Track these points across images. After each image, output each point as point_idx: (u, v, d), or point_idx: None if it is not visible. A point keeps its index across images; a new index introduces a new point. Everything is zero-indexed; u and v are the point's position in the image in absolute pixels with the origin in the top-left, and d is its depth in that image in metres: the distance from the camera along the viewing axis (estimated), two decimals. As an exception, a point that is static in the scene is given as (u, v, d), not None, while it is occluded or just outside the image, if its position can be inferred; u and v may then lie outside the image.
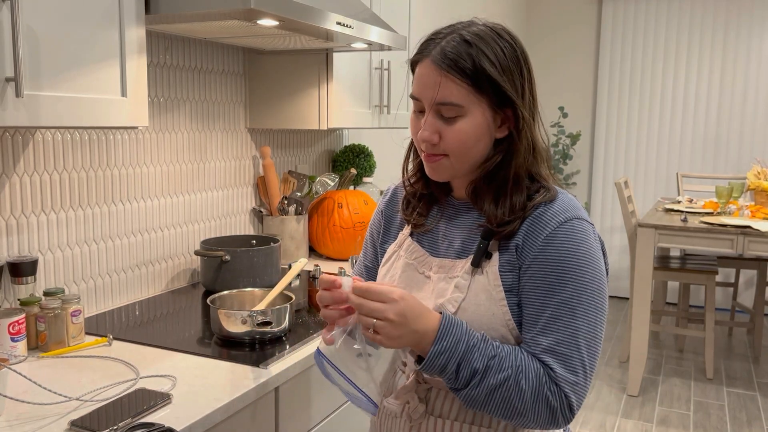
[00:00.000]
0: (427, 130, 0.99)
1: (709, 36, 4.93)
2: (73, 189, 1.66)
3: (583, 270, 0.95)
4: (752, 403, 3.49)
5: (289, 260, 2.31)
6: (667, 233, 3.36)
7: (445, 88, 0.96)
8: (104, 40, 1.31)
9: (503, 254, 1.00)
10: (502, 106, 0.99)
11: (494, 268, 1.00)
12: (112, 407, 1.15)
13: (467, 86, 0.96)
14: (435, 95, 0.97)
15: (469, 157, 1.00)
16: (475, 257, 1.01)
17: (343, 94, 2.24)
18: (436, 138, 0.99)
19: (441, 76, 0.96)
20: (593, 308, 0.96)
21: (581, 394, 0.95)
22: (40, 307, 1.46)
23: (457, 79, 0.95)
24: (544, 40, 5.45)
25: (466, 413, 1.05)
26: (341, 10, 1.75)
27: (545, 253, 0.96)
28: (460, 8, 4.05)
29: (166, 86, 1.93)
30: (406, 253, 1.11)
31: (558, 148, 5.32)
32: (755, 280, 4.50)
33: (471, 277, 1.01)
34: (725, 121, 4.96)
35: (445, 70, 0.96)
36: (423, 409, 1.07)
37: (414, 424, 1.08)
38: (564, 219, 0.97)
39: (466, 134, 0.98)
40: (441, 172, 1.03)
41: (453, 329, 0.94)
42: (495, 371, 0.93)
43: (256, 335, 1.49)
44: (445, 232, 1.09)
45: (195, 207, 2.09)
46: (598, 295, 0.97)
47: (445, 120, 0.98)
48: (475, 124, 0.98)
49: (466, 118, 0.97)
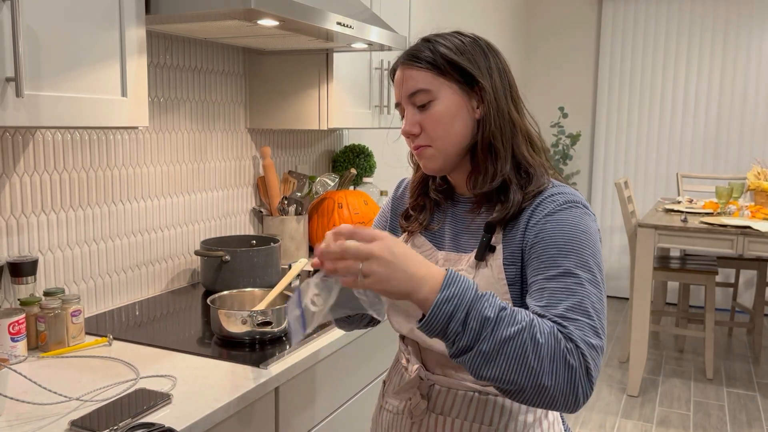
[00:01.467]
0: (407, 124, 1.05)
1: (709, 36, 4.93)
2: (73, 189, 1.66)
3: (585, 245, 0.95)
4: (752, 403, 3.49)
5: (289, 260, 2.31)
6: (667, 233, 3.36)
7: (410, 79, 1.03)
8: (104, 40, 1.31)
9: (507, 248, 1.01)
10: (471, 85, 1.03)
11: (498, 262, 1.01)
12: (112, 407, 1.15)
13: (428, 71, 1.02)
14: (404, 87, 1.04)
15: (450, 139, 1.03)
16: (478, 251, 1.02)
17: (343, 95, 2.24)
18: (416, 129, 1.04)
19: (405, 70, 1.05)
20: (596, 281, 0.93)
21: (597, 360, 0.87)
22: (40, 307, 1.46)
23: (418, 67, 1.03)
24: (544, 40, 5.45)
25: (467, 411, 1.05)
26: (341, 10, 1.75)
27: (548, 228, 0.97)
28: (460, 8, 4.05)
29: (166, 86, 1.93)
30: (413, 248, 1.13)
31: (558, 148, 5.32)
32: (755, 280, 4.50)
33: (475, 271, 1.02)
34: (725, 122, 4.96)
35: (407, 65, 1.04)
36: (425, 406, 1.08)
37: (415, 420, 1.09)
38: (570, 202, 0.99)
39: (440, 115, 1.02)
40: (432, 161, 1.06)
41: (459, 279, 0.86)
42: (507, 323, 0.84)
43: (256, 335, 1.49)
44: (452, 228, 1.11)
45: (195, 207, 2.09)
46: (599, 273, 0.95)
47: (420, 109, 1.04)
48: (447, 104, 1.02)
49: (437, 101, 1.03)
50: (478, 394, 1.05)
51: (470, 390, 1.06)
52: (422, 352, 1.12)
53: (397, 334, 1.98)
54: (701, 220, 3.44)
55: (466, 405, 1.05)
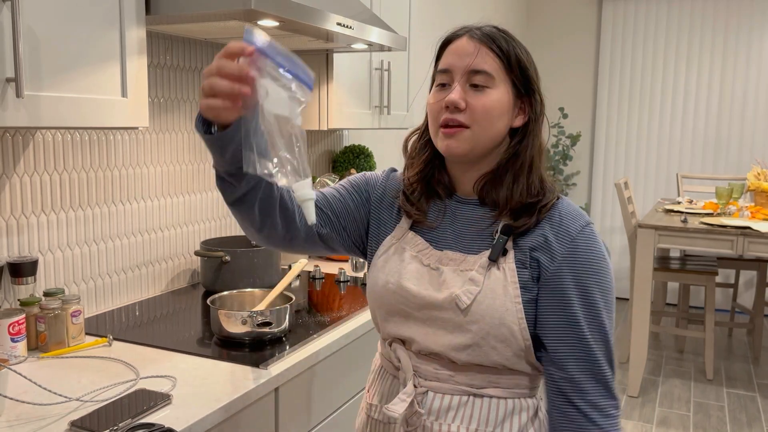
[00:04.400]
0: (457, 94, 1.01)
1: (709, 37, 4.93)
2: (73, 189, 1.66)
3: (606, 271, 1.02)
4: (752, 403, 3.49)
5: (289, 261, 2.31)
6: (667, 234, 3.36)
7: (482, 56, 1.01)
8: (105, 40, 1.31)
9: (517, 252, 1.02)
10: (521, 94, 1.04)
11: (511, 265, 1.01)
12: (112, 408, 1.15)
13: (500, 61, 1.02)
14: (472, 62, 1.01)
15: (489, 130, 1.02)
16: (493, 251, 1.02)
17: (343, 95, 2.24)
18: (463, 103, 1.01)
19: (479, 46, 1.02)
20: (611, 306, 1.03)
21: (617, 412, 1.02)
22: (40, 307, 1.46)
23: (493, 52, 1.01)
24: (544, 41, 5.45)
25: (463, 413, 1.04)
26: (341, 10, 1.75)
27: (573, 260, 1.00)
28: (460, 9, 4.05)
29: (166, 87, 1.93)
30: (409, 246, 1.09)
31: (558, 148, 5.32)
32: (755, 281, 4.51)
33: (486, 272, 1.01)
34: (725, 122, 4.96)
35: (484, 42, 1.02)
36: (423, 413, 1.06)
37: (410, 429, 1.07)
38: (584, 223, 1.03)
39: (492, 104, 1.01)
40: (463, 143, 1.02)
41: None
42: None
43: (256, 336, 1.49)
44: (452, 228, 1.08)
45: (195, 207, 2.09)
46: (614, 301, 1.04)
47: (475, 89, 1.01)
48: (500, 98, 1.02)
49: (494, 90, 1.01)
50: (473, 397, 1.04)
51: (465, 393, 1.05)
52: (413, 357, 1.08)
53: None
54: (701, 221, 3.44)
55: (462, 408, 1.04)
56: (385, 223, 1.15)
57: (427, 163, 1.10)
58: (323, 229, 1.13)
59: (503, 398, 1.04)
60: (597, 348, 0.99)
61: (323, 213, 1.13)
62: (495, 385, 1.04)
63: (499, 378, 1.04)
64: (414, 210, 1.10)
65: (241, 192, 1.00)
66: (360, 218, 1.17)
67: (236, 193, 1.00)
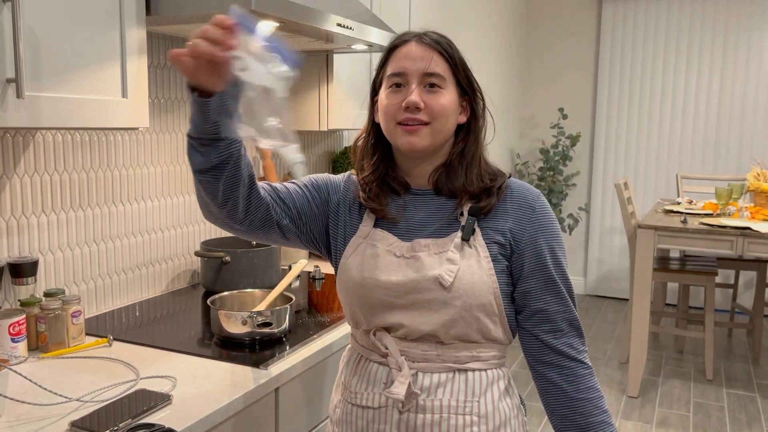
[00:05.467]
0: (416, 96, 1.09)
1: (709, 37, 4.93)
2: (73, 190, 1.66)
3: (559, 230, 1.18)
4: (752, 404, 3.49)
5: (289, 261, 2.32)
6: (667, 234, 3.36)
7: (434, 60, 1.10)
8: (105, 41, 1.31)
9: (485, 230, 1.13)
10: (464, 93, 1.15)
11: (481, 241, 1.12)
12: (113, 408, 1.15)
13: (448, 65, 1.12)
14: (427, 66, 1.09)
15: (444, 127, 1.12)
16: (465, 232, 1.11)
17: (343, 96, 2.24)
18: (422, 104, 1.09)
19: (431, 51, 1.11)
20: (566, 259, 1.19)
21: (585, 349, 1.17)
22: (40, 307, 1.46)
23: (442, 56, 1.11)
24: (543, 41, 5.45)
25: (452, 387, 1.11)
26: (341, 11, 1.75)
27: (540, 226, 1.13)
28: (461, 9, 4.05)
29: (166, 87, 1.94)
30: (380, 242, 1.15)
31: (558, 149, 5.32)
32: (755, 281, 4.51)
33: (460, 251, 1.11)
34: (725, 123, 4.96)
35: (434, 47, 1.11)
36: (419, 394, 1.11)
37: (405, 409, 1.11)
38: (536, 194, 1.16)
39: (447, 103, 1.11)
40: (422, 138, 1.10)
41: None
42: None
43: (256, 336, 1.49)
44: (416, 218, 1.15)
45: (195, 208, 2.09)
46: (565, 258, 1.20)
47: (430, 91, 1.10)
48: (451, 99, 1.12)
49: (446, 90, 1.11)
50: (457, 373, 1.12)
51: (450, 370, 1.12)
52: (400, 343, 1.13)
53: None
54: (701, 221, 3.44)
55: (449, 383, 1.12)
56: (349, 224, 1.21)
57: (379, 163, 1.18)
58: (284, 220, 1.17)
59: (483, 370, 1.13)
60: (568, 296, 1.14)
61: (284, 205, 1.17)
62: (476, 359, 1.13)
63: (480, 351, 1.13)
64: (376, 205, 1.16)
65: (211, 163, 1.03)
66: (320, 215, 1.22)
67: (206, 164, 1.03)
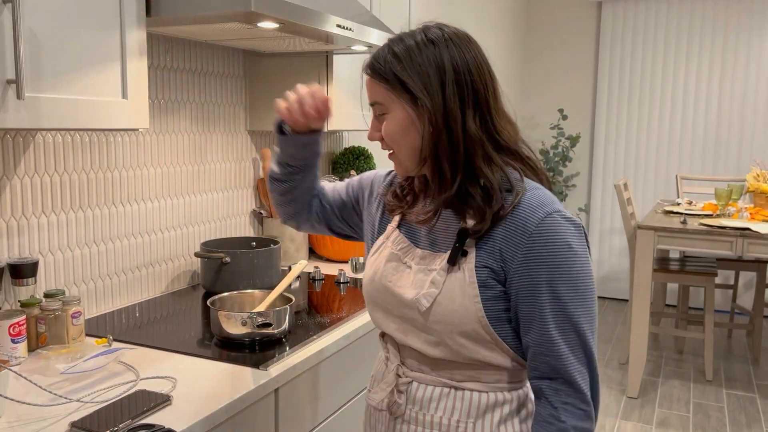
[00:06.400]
0: (370, 130, 1.10)
1: (709, 38, 4.93)
2: (73, 191, 1.66)
3: (570, 261, 0.97)
4: (751, 404, 3.49)
5: (289, 262, 2.32)
6: (667, 235, 3.36)
7: (371, 89, 1.07)
8: (105, 42, 1.31)
9: (480, 251, 1.02)
10: (417, 102, 1.01)
11: (471, 265, 1.02)
12: (113, 408, 1.15)
13: (381, 84, 1.04)
14: (370, 97, 1.08)
15: (403, 150, 1.06)
16: (450, 256, 1.03)
17: (343, 97, 2.24)
18: (377, 135, 1.09)
19: (370, 79, 1.07)
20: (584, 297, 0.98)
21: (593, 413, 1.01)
22: (40, 308, 1.46)
23: (377, 80, 1.05)
24: (543, 42, 5.46)
25: (446, 405, 1.08)
26: (341, 12, 1.75)
27: (536, 255, 0.97)
28: (460, 10, 4.06)
29: (166, 88, 1.94)
30: (392, 244, 1.14)
31: (558, 150, 5.33)
32: (754, 282, 4.50)
33: (447, 274, 1.04)
34: (725, 123, 4.97)
35: (369, 74, 1.07)
36: (403, 402, 1.11)
37: (396, 416, 1.12)
38: (544, 214, 0.98)
39: (391, 128, 1.04)
40: (397, 165, 1.10)
41: None
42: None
43: (255, 337, 1.49)
44: (433, 226, 1.11)
45: (195, 209, 2.09)
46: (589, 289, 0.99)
47: (381, 118, 1.07)
48: (396, 120, 1.03)
49: (390, 115, 1.04)
50: (454, 390, 1.07)
51: (445, 386, 1.08)
52: (401, 349, 1.14)
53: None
54: (701, 222, 3.44)
55: (444, 399, 1.08)
56: (380, 222, 1.22)
57: None
58: (334, 222, 1.34)
59: (484, 392, 1.06)
60: (563, 343, 0.97)
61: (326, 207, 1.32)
62: (475, 380, 1.06)
63: (479, 373, 1.06)
64: (395, 202, 1.16)
65: (292, 183, 1.28)
66: (358, 214, 1.31)
67: (287, 181, 1.27)
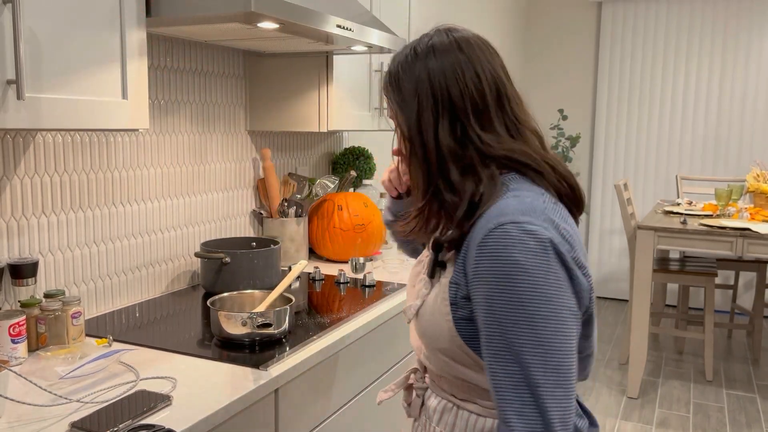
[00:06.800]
0: (395, 146, 1.06)
1: (709, 38, 4.93)
2: (73, 191, 1.66)
3: (514, 282, 0.83)
4: (752, 405, 3.49)
5: (289, 262, 2.32)
6: (667, 235, 3.36)
7: (389, 106, 1.04)
8: (105, 42, 1.31)
9: (457, 265, 0.94)
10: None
11: (446, 280, 0.95)
12: (113, 409, 1.15)
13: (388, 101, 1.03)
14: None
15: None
16: (428, 267, 1.00)
17: (343, 97, 2.25)
18: (395, 150, 1.06)
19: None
20: (535, 327, 0.82)
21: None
22: (40, 308, 1.46)
23: (388, 96, 1.03)
24: (543, 42, 5.46)
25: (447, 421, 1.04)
26: (341, 12, 1.75)
27: (477, 267, 0.87)
28: (460, 10, 4.06)
29: (166, 89, 1.94)
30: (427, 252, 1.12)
31: (558, 150, 5.33)
32: (754, 282, 4.51)
33: (431, 287, 1.00)
34: (725, 124, 4.97)
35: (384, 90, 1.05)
36: (419, 405, 1.11)
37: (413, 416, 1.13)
38: (494, 225, 0.86)
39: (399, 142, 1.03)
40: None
41: None
42: None
43: (256, 337, 1.49)
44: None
45: (195, 209, 2.09)
46: (540, 315, 0.82)
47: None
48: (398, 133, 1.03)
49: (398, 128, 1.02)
50: (456, 408, 1.03)
51: (449, 401, 1.05)
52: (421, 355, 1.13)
53: (393, 337, 1.98)
54: (701, 222, 3.44)
55: (446, 414, 1.04)
56: None
57: None
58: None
59: (482, 416, 1.00)
60: (501, 374, 0.83)
61: None
62: (473, 402, 1.01)
63: (475, 396, 1.00)
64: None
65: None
66: None
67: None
